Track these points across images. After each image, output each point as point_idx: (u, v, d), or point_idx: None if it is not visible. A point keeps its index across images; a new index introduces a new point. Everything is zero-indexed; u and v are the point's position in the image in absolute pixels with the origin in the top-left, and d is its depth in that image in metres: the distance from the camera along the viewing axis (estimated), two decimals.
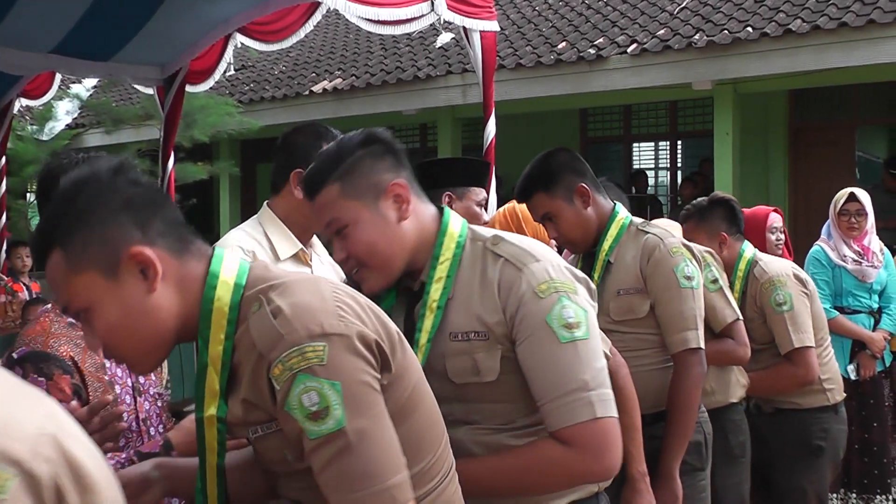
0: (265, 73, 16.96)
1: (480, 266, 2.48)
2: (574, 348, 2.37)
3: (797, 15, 11.15)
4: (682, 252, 3.74)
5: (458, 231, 2.56)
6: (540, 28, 14.33)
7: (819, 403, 5.00)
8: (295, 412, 1.89)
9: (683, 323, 3.69)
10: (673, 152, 16.22)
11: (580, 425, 2.33)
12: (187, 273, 2.07)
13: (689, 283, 3.69)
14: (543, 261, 2.46)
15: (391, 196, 2.49)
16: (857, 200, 6.57)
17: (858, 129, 14.12)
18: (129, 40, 6.43)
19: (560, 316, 2.37)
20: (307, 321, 1.92)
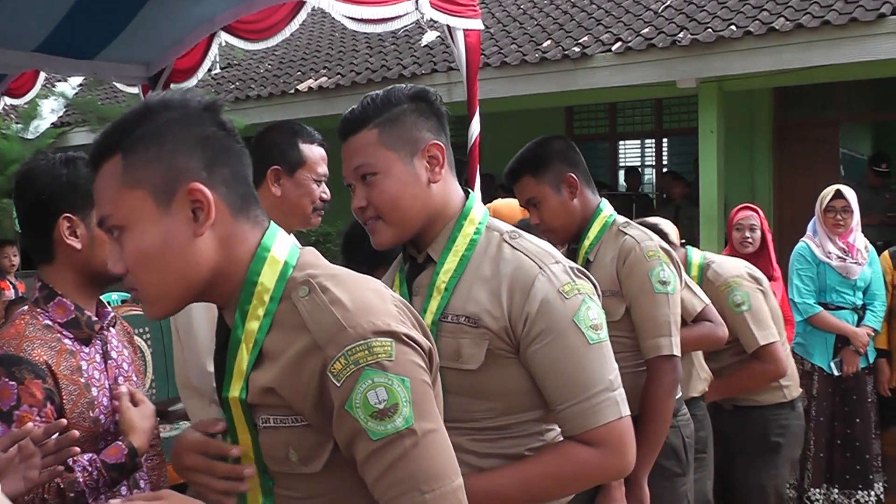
0: (251, 71, 16.93)
1: (493, 256, 2.45)
2: (601, 349, 2.38)
3: (780, 13, 11.17)
4: (659, 256, 3.66)
5: (480, 218, 2.54)
6: (525, 26, 14.33)
7: (777, 400, 5.07)
8: (357, 411, 1.79)
9: (657, 329, 3.61)
10: (658, 150, 16.25)
11: (609, 425, 2.34)
12: (238, 234, 1.96)
13: (665, 287, 3.62)
14: (562, 262, 2.45)
15: (427, 155, 2.47)
16: (844, 198, 6.61)
17: (843, 127, 14.16)
18: (114, 39, 6.42)
19: (587, 317, 2.37)
20: (371, 317, 1.84)
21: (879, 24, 10.23)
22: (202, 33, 6.74)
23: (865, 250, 6.73)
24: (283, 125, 3.76)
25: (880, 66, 10.74)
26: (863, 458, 6.63)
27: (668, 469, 3.80)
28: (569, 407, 2.35)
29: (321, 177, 3.68)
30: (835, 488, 6.69)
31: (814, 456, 6.66)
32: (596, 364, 2.36)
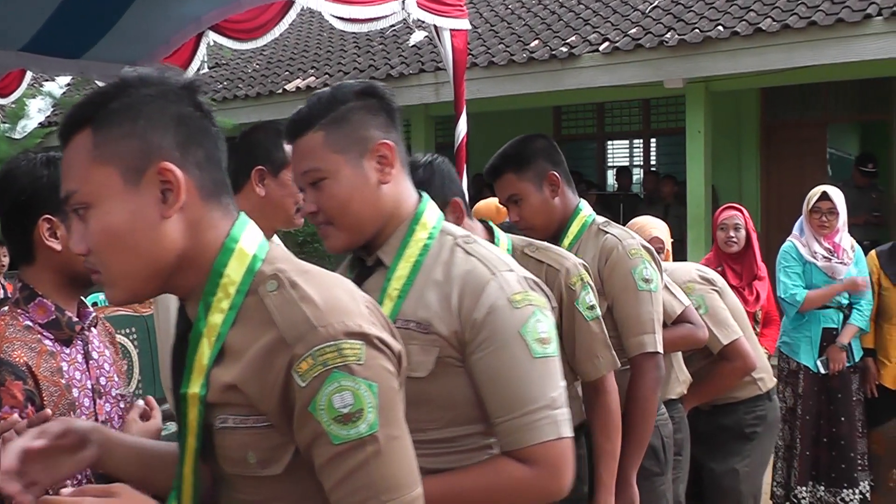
0: (238, 71, 16.93)
1: (446, 260, 2.34)
2: (546, 365, 2.27)
3: (767, 14, 11.23)
4: (642, 254, 3.67)
5: (433, 222, 2.42)
6: (513, 26, 14.36)
7: (753, 393, 5.03)
8: (321, 413, 1.72)
9: (640, 326, 3.62)
10: (646, 150, 16.28)
11: (546, 444, 2.23)
12: (207, 220, 1.86)
13: (648, 285, 3.63)
14: (517, 271, 2.36)
15: (376, 156, 2.35)
16: (829, 199, 6.62)
17: (830, 127, 14.22)
18: (101, 38, 6.40)
19: (535, 329, 2.27)
20: (343, 317, 1.77)
21: (865, 25, 10.29)
22: (189, 33, 6.73)
23: (851, 250, 6.75)
24: (267, 125, 3.72)
25: (866, 66, 10.80)
26: (848, 457, 6.64)
27: (647, 468, 3.76)
28: (506, 421, 2.26)
29: None
30: (820, 486, 6.70)
31: (800, 454, 6.67)
32: (538, 379, 2.26)
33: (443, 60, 6.58)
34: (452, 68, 6.40)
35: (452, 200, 3.26)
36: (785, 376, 6.85)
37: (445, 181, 3.21)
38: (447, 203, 3.15)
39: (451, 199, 3.18)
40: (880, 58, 10.38)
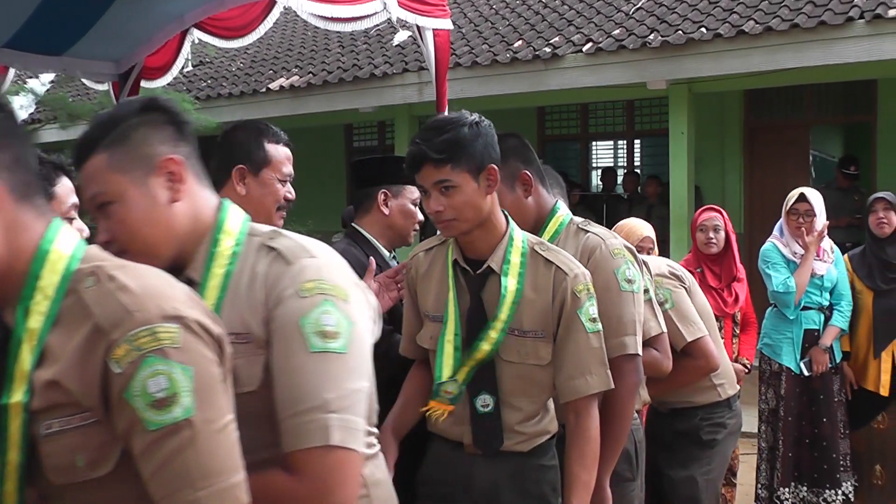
0: (222, 69, 16.91)
1: (252, 261, 2.21)
2: (324, 360, 2.05)
3: (750, 16, 11.27)
4: (625, 254, 3.59)
5: (238, 226, 2.29)
6: (496, 26, 14.38)
7: (712, 399, 4.96)
8: (136, 399, 1.68)
9: (622, 328, 3.50)
10: (630, 151, 16.30)
11: (310, 451, 2.00)
12: (21, 223, 1.81)
13: (630, 286, 3.54)
14: (320, 258, 2.19)
15: (164, 173, 2.21)
16: (807, 201, 6.64)
17: (813, 129, 14.26)
18: (83, 35, 6.37)
19: (318, 321, 2.07)
20: (159, 300, 1.75)
21: (847, 28, 10.33)
22: (172, 31, 6.71)
23: (831, 251, 6.78)
24: (248, 124, 3.73)
25: (849, 69, 10.85)
26: (830, 458, 6.66)
27: (619, 473, 3.71)
28: (282, 421, 2.05)
29: (286, 177, 3.68)
30: (803, 487, 6.72)
31: (782, 455, 6.68)
32: (312, 376, 2.04)
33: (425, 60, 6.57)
34: (435, 68, 6.39)
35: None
36: (767, 378, 6.88)
37: (489, 146, 3.22)
38: (483, 168, 3.17)
39: (487, 166, 3.19)
40: (862, 60, 10.42)
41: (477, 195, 3.18)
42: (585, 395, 3.24)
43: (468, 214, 3.19)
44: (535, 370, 3.26)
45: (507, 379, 3.26)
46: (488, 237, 3.28)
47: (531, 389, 3.28)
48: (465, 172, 3.14)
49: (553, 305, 3.23)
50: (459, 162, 3.13)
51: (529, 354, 3.24)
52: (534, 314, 3.24)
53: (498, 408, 3.27)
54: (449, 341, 3.28)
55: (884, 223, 6.81)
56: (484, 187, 3.19)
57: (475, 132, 3.18)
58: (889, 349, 6.77)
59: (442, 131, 3.16)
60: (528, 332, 3.23)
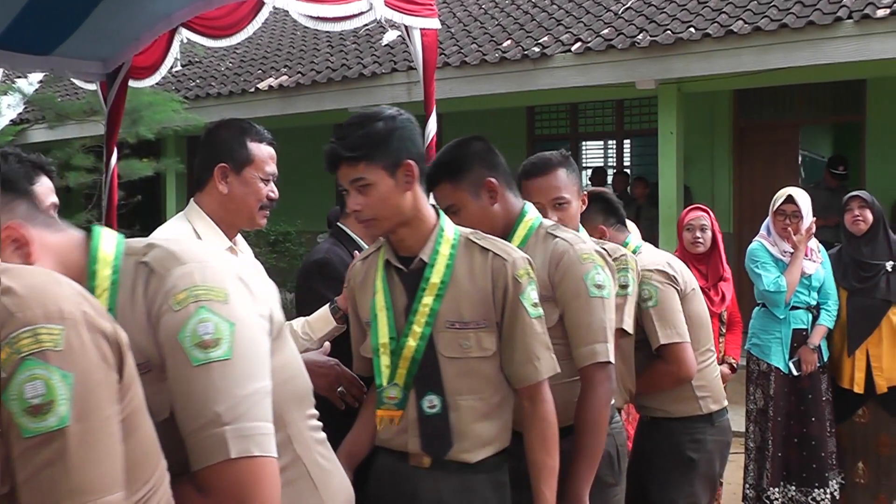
0: (211, 69, 16.90)
1: (132, 284, 2.05)
2: (208, 372, 1.94)
3: (739, 16, 11.28)
4: (594, 259, 3.48)
5: (112, 252, 2.10)
6: (485, 26, 14.38)
7: (691, 412, 4.62)
8: (12, 403, 1.58)
9: (592, 335, 3.41)
10: (620, 151, 16.32)
11: (212, 468, 1.93)
12: None
13: (600, 291, 3.43)
14: (191, 262, 2.04)
15: (8, 242, 2.00)
16: (794, 202, 6.65)
17: (802, 129, 14.31)
18: (71, 34, 6.35)
19: (194, 332, 1.95)
20: (45, 301, 1.65)
21: (836, 28, 10.35)
22: (159, 30, 6.68)
23: (818, 250, 6.81)
24: (231, 123, 3.74)
25: (838, 68, 10.88)
26: (819, 457, 6.67)
27: (600, 478, 3.58)
28: (185, 439, 1.96)
29: (269, 175, 3.68)
30: (791, 486, 6.73)
31: (772, 455, 6.69)
32: (201, 391, 1.94)
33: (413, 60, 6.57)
34: (422, 67, 6.38)
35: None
36: (755, 378, 6.89)
37: (405, 141, 3.13)
38: (400, 164, 3.09)
39: (404, 162, 3.10)
40: (851, 60, 10.44)
41: (394, 192, 3.10)
42: (537, 382, 3.17)
43: (387, 212, 3.11)
44: (481, 363, 3.16)
45: (451, 376, 3.16)
46: (417, 233, 3.20)
47: (478, 385, 3.17)
48: (380, 169, 3.06)
49: (494, 293, 3.14)
50: (373, 159, 3.05)
51: (472, 347, 3.14)
52: (473, 304, 3.15)
53: (445, 408, 3.15)
54: (383, 345, 3.20)
55: (859, 220, 6.86)
56: (402, 183, 3.10)
57: (390, 127, 3.09)
58: (863, 347, 6.81)
59: (355, 128, 3.09)
60: (468, 324, 3.14)
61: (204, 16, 6.54)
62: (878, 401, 6.84)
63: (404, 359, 3.16)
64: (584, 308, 3.42)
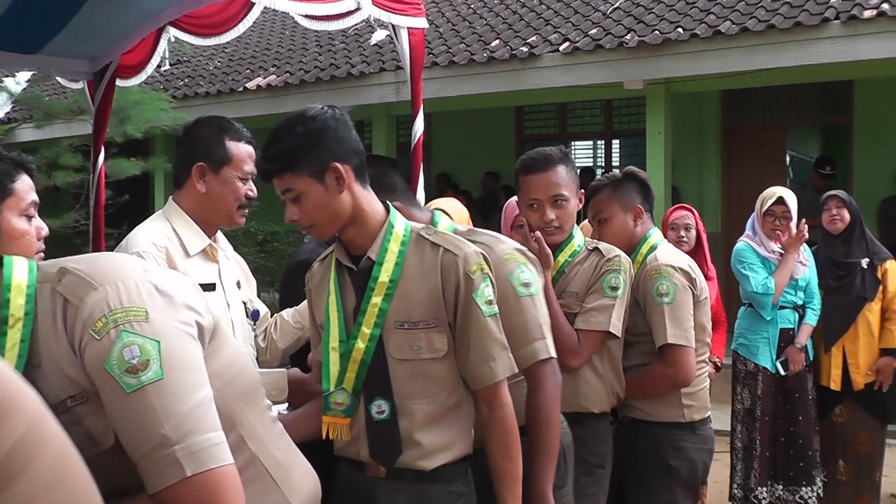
0: (200, 68, 16.88)
1: (51, 313, 1.99)
2: (143, 396, 1.88)
3: (727, 17, 11.30)
4: (516, 257, 3.42)
5: (25, 279, 2.03)
6: (474, 26, 14.38)
7: (673, 418, 4.49)
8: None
9: (529, 334, 3.34)
10: (608, 151, 16.33)
11: (171, 489, 1.88)
12: None
13: (528, 289, 3.37)
14: (103, 287, 1.96)
15: None
16: (784, 204, 6.67)
17: (791, 130, 14.35)
18: (58, 33, 6.34)
19: (121, 358, 1.88)
20: None
21: (823, 29, 10.38)
22: (147, 28, 6.67)
23: (803, 251, 6.83)
24: (210, 121, 3.72)
25: (824, 69, 10.92)
26: (806, 455, 6.70)
27: None
28: (136, 463, 1.91)
29: (247, 174, 3.67)
30: (779, 485, 6.75)
31: (760, 455, 6.71)
32: (141, 416, 1.89)
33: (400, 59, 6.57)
34: (410, 67, 6.38)
35: (332, 164, 2.96)
36: (742, 378, 6.90)
37: (329, 142, 2.96)
38: (326, 167, 2.94)
39: (330, 164, 2.93)
40: (838, 61, 10.47)
41: (327, 197, 2.96)
42: (493, 383, 3.05)
43: (324, 218, 3.00)
44: (432, 365, 3.03)
45: (401, 379, 3.03)
46: (364, 231, 3.07)
47: (431, 388, 3.04)
48: (307, 177, 2.93)
49: (444, 291, 3.01)
50: (297, 168, 2.92)
51: (423, 348, 3.02)
52: (422, 303, 3.02)
53: (394, 413, 3.03)
54: (333, 348, 3.10)
55: (836, 219, 6.94)
56: (333, 186, 2.96)
57: (311, 131, 2.95)
58: (839, 344, 6.87)
59: (276, 138, 2.97)
60: (418, 323, 3.02)
61: (192, 14, 6.53)
62: (855, 399, 6.91)
63: (353, 362, 3.05)
64: (515, 309, 3.34)
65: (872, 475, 6.96)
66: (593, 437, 4.16)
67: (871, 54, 10.29)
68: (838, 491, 6.98)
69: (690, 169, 14.09)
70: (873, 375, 6.88)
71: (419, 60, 6.47)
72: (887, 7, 10.08)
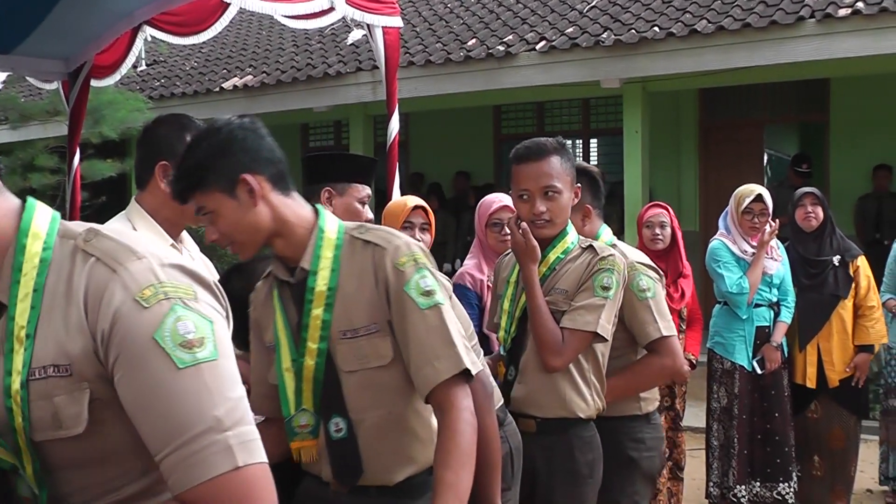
0: (176, 68, 16.83)
1: (68, 272, 1.84)
2: (198, 374, 1.74)
3: (703, 16, 11.32)
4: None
5: (46, 228, 1.88)
6: (451, 25, 14.38)
7: (631, 412, 4.44)
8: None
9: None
10: (586, 150, 16.34)
11: (215, 480, 1.71)
12: None
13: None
14: (151, 258, 1.84)
15: None
16: (763, 201, 6.69)
17: (767, 128, 14.39)
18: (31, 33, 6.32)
19: (174, 331, 1.75)
20: None
21: (798, 27, 10.42)
22: (121, 28, 6.66)
23: (776, 248, 6.85)
24: (171, 118, 3.64)
25: (800, 67, 10.95)
26: (782, 451, 6.73)
27: None
28: (165, 458, 1.73)
29: None
30: (756, 482, 6.78)
31: (738, 453, 6.73)
32: (192, 396, 1.73)
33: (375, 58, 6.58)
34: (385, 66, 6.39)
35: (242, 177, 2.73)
36: (718, 376, 6.91)
37: (236, 154, 2.72)
38: (235, 181, 2.70)
39: (238, 178, 2.70)
40: (813, 59, 10.51)
41: (240, 212, 2.73)
42: (439, 384, 2.71)
43: (243, 234, 2.78)
44: (382, 373, 2.81)
45: (353, 393, 2.83)
46: (293, 241, 2.85)
47: (383, 398, 2.83)
48: (217, 193, 2.71)
49: (377, 289, 2.79)
50: (205, 185, 2.70)
51: (369, 356, 2.80)
52: (361, 307, 2.81)
53: (351, 430, 2.83)
54: (287, 369, 2.88)
55: (811, 217, 6.94)
56: (246, 200, 2.72)
57: (215, 144, 2.72)
58: (814, 342, 6.89)
59: (183, 158, 2.76)
60: (359, 331, 2.80)
61: (168, 13, 6.52)
62: (830, 395, 6.92)
63: (306, 380, 2.86)
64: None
65: (846, 470, 6.99)
66: (581, 445, 4.02)
67: (846, 52, 10.33)
68: (812, 486, 7.01)
69: (668, 167, 14.11)
70: (851, 371, 6.91)
71: (394, 60, 6.48)
72: (862, 5, 10.11)
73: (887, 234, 11.15)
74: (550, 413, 3.92)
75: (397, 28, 6.42)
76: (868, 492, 7.69)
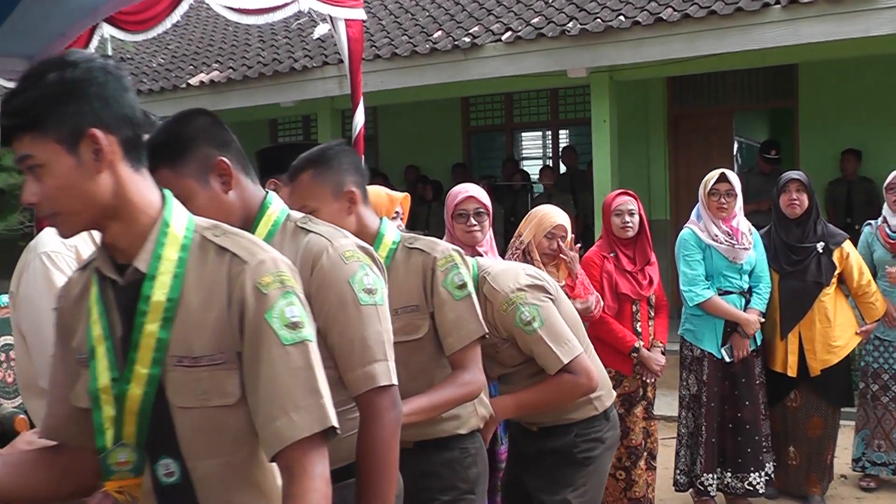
0: (143, 65, 16.73)
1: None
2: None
3: (668, 4, 11.30)
4: (359, 257, 2.75)
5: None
6: (416, 17, 14.34)
7: (589, 414, 4.33)
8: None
9: (368, 353, 2.66)
10: (556, 140, 16.33)
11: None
12: None
13: (372, 297, 2.70)
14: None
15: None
16: (727, 181, 6.68)
17: (736, 115, 14.40)
18: None
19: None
20: None
21: (764, 14, 10.41)
22: (84, 25, 6.62)
23: (749, 233, 6.82)
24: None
25: (768, 54, 10.96)
26: (754, 441, 6.72)
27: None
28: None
29: None
30: (728, 472, 6.77)
31: (706, 441, 6.71)
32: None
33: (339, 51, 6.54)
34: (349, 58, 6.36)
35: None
36: (689, 363, 6.91)
37: (93, 100, 2.15)
38: (82, 134, 2.12)
39: (87, 130, 2.11)
40: (781, 45, 10.51)
41: (78, 174, 2.16)
42: (294, 443, 2.16)
43: (72, 204, 2.19)
44: (223, 414, 2.24)
45: (187, 433, 2.24)
46: (132, 230, 2.27)
47: (224, 445, 2.26)
48: (53, 143, 2.14)
49: (229, 311, 2.22)
50: (41, 127, 2.13)
51: (210, 392, 2.22)
52: (206, 331, 2.23)
53: (187, 476, 2.26)
54: (104, 389, 2.27)
55: (795, 204, 6.89)
56: (89, 161, 2.16)
57: (66, 81, 2.16)
58: (795, 331, 6.88)
59: (17, 89, 2.18)
60: (200, 359, 2.21)
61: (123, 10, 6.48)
62: (811, 383, 6.90)
63: (129, 412, 2.24)
64: (354, 320, 2.68)
65: (823, 457, 7.00)
66: (462, 461, 3.68)
67: (812, 38, 10.32)
68: (788, 475, 7.02)
69: (637, 156, 14.11)
70: (861, 336, 7.03)
71: (358, 52, 6.46)
72: None
73: (858, 218, 11.17)
74: (423, 437, 3.58)
75: (361, 20, 6.39)
76: (842, 477, 7.69)
